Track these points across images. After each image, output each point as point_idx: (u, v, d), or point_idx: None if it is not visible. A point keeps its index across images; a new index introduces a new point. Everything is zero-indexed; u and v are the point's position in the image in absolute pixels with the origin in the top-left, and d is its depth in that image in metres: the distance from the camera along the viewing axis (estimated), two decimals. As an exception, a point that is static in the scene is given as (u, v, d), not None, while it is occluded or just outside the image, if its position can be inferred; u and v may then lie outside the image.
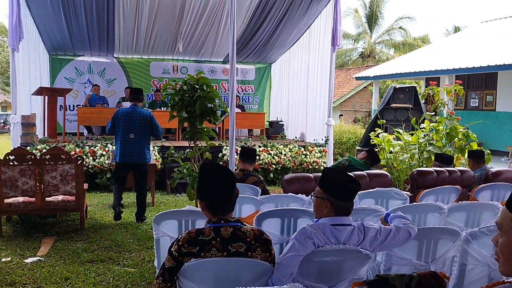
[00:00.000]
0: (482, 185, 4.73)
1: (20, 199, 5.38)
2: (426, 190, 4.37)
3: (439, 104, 7.91)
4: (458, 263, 2.56)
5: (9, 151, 5.44)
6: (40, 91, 8.94)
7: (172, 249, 2.12)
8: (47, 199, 5.42)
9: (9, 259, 4.50)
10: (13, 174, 5.25)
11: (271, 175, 9.18)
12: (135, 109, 5.96)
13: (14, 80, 7.97)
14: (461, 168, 5.71)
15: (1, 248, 4.84)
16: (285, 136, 11.86)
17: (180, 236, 2.15)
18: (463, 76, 13.12)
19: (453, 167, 5.74)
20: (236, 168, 5.49)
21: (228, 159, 6.36)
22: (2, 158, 5.27)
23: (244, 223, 2.25)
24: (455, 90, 7.73)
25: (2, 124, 26.86)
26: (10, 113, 8.87)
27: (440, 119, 7.42)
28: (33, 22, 9.46)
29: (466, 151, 6.89)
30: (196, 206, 4.45)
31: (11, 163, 5.26)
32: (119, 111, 6.03)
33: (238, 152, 5.85)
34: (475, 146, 7.22)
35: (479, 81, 13.87)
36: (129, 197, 7.27)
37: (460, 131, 7.22)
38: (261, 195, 4.15)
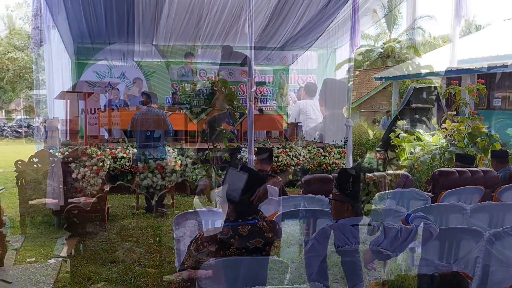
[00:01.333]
0: (506, 185, 4.63)
1: (44, 200, 5.48)
2: (448, 190, 4.29)
3: (461, 104, 7.75)
4: (481, 264, 2.51)
5: (33, 154, 5.56)
6: (62, 95, 9.09)
7: (191, 248, 2.13)
8: (69, 200, 5.51)
9: (33, 259, 4.60)
10: (36, 177, 5.36)
11: (290, 176, 9.13)
12: (150, 109, 6.79)
13: (38, 85, 8.13)
14: (484, 168, 5.59)
15: (26, 248, 4.94)
16: (304, 137, 11.79)
17: (199, 234, 2.16)
18: (486, 75, 12.85)
19: (475, 167, 5.63)
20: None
21: (247, 160, 6.38)
22: (26, 161, 5.38)
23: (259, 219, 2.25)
24: (477, 89, 7.58)
25: (26, 128, 27.42)
26: (33, 117, 9.05)
27: (462, 119, 7.28)
28: (55, 27, 9.64)
29: (489, 151, 6.75)
30: (216, 207, 4.46)
31: (35, 166, 5.37)
32: (136, 114, 6.84)
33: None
34: (498, 146, 7.07)
35: (502, 80, 13.57)
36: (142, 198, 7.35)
37: (483, 131, 7.08)
38: (279, 195, 4.14)
